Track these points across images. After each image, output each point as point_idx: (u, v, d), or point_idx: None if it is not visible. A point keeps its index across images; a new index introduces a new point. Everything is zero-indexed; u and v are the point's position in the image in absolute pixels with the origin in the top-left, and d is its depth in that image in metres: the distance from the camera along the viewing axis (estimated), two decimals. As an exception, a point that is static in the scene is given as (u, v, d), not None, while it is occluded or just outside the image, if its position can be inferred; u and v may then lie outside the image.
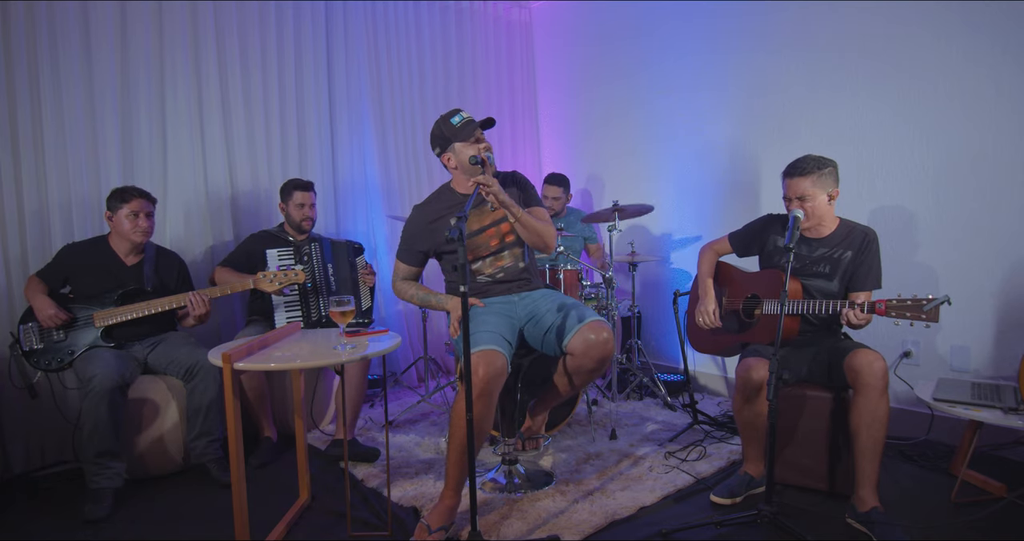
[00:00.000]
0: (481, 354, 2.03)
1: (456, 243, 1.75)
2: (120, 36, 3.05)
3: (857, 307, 2.07)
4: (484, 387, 2.00)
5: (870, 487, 2.06)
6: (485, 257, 2.39)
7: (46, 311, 2.52)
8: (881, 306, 2.03)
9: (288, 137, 3.56)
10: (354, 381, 2.82)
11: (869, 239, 2.29)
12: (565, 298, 2.36)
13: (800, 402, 2.33)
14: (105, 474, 2.36)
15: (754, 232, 2.53)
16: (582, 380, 2.31)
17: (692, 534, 2.05)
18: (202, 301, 2.65)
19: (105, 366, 2.40)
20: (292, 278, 2.69)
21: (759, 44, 3.34)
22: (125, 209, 2.64)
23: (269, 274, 2.68)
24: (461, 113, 2.28)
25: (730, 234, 2.62)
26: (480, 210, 2.37)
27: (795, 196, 2.26)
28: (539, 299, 2.37)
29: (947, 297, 1.93)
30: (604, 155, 4.26)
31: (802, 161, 2.26)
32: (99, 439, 2.35)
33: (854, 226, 2.33)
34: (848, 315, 2.09)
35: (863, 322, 2.10)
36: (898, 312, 2.00)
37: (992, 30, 2.57)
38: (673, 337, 3.89)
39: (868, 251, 2.28)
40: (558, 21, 4.51)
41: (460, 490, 2.11)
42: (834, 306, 2.13)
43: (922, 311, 1.94)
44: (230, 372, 1.74)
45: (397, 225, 4.01)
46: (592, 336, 2.14)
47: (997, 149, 2.61)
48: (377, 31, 3.89)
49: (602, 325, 2.18)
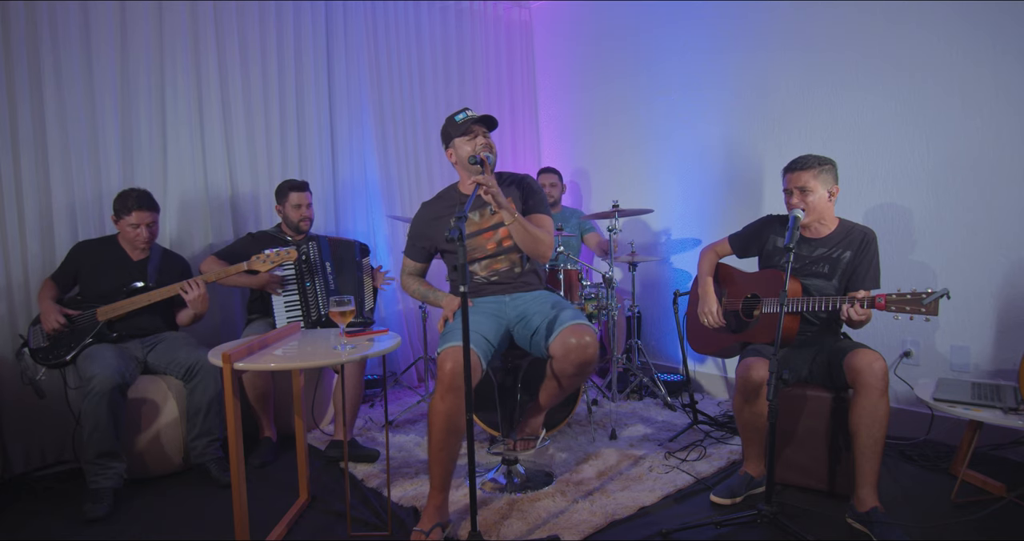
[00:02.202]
0: (449, 350, 2.05)
1: (455, 243, 1.75)
2: (120, 36, 3.05)
3: (857, 303, 2.07)
4: (450, 382, 2.01)
5: (870, 487, 2.06)
6: (480, 259, 2.39)
7: (48, 315, 2.56)
8: (881, 300, 2.03)
9: (288, 137, 3.56)
10: (351, 381, 2.81)
11: (868, 239, 2.29)
12: (559, 300, 2.35)
13: (800, 402, 2.33)
14: (105, 474, 2.37)
15: (753, 233, 2.55)
16: (568, 384, 2.28)
17: (692, 534, 2.05)
18: (196, 284, 2.66)
19: (105, 366, 2.40)
20: (284, 257, 2.68)
21: (759, 43, 3.34)
22: (127, 220, 2.67)
23: (262, 255, 2.68)
24: (467, 111, 2.31)
25: (730, 236, 2.63)
26: (481, 212, 2.38)
27: (796, 187, 2.28)
28: (531, 301, 2.36)
29: (946, 290, 1.94)
30: (604, 154, 4.26)
31: (803, 157, 2.31)
32: (99, 439, 2.35)
33: (853, 226, 2.34)
34: (848, 312, 2.10)
35: (863, 318, 2.10)
36: (898, 306, 2.00)
37: (993, 29, 2.57)
38: (673, 337, 3.89)
39: (867, 251, 2.29)
40: (558, 21, 4.52)
41: (445, 488, 2.09)
42: (834, 303, 2.14)
43: (922, 304, 1.95)
44: (230, 372, 1.74)
45: (397, 225, 4.01)
46: (573, 340, 2.12)
47: (997, 149, 2.60)
48: (377, 31, 3.89)
49: (583, 328, 2.15)
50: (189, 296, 2.64)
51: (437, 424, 2.04)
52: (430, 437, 2.07)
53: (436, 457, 2.06)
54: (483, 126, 2.31)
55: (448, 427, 2.04)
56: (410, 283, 2.52)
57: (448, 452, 2.06)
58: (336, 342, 2.00)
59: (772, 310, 2.34)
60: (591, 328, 2.18)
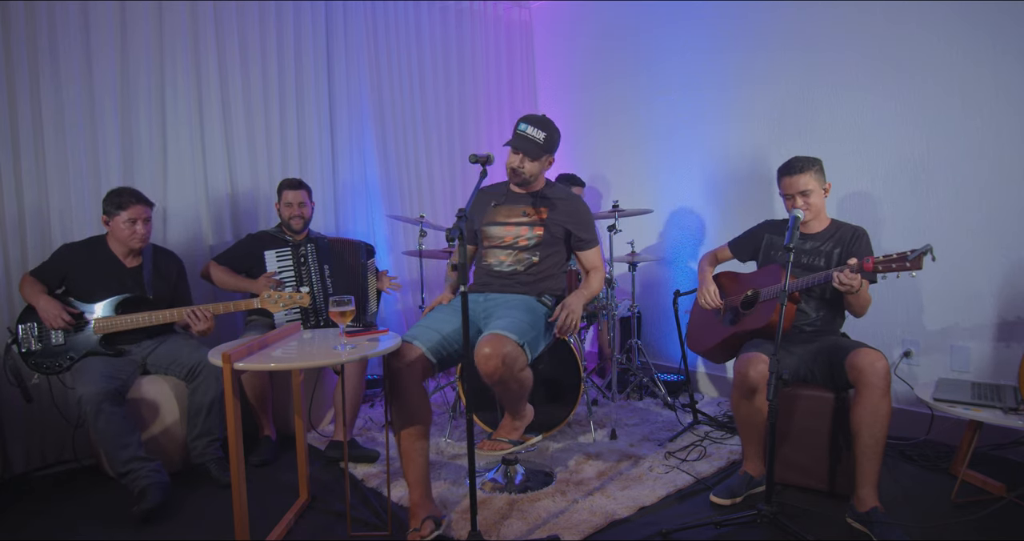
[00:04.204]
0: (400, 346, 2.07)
1: (456, 242, 1.76)
2: (120, 36, 3.04)
3: (847, 268, 2.09)
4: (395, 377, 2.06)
5: (870, 487, 2.06)
6: (497, 248, 2.43)
7: (51, 311, 2.49)
8: (868, 261, 2.06)
9: (288, 137, 3.56)
10: (352, 382, 2.81)
11: (858, 234, 2.36)
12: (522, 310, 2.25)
13: (800, 402, 2.33)
14: (140, 473, 2.32)
15: (751, 236, 2.63)
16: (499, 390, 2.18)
17: (692, 534, 2.05)
18: (204, 316, 2.61)
19: (89, 383, 2.35)
20: (296, 301, 2.65)
21: (759, 43, 3.34)
22: (123, 215, 2.59)
23: (274, 295, 2.63)
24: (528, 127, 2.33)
25: (730, 241, 2.72)
26: (510, 207, 2.44)
27: (798, 192, 2.33)
28: (503, 303, 2.32)
29: (929, 247, 1.96)
30: (604, 154, 4.26)
31: (796, 160, 2.36)
32: (115, 451, 2.32)
33: (843, 224, 2.41)
34: (838, 277, 2.11)
35: (854, 282, 2.09)
36: (885, 266, 2.04)
37: (993, 29, 2.57)
38: (673, 337, 3.88)
39: (858, 244, 2.33)
40: (558, 21, 4.51)
41: (421, 484, 2.09)
42: (827, 276, 2.15)
43: (907, 261, 1.99)
44: (230, 372, 1.74)
45: (397, 225, 4.01)
46: (486, 349, 2.01)
47: (997, 149, 2.60)
48: (377, 31, 3.89)
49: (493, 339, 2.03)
50: (196, 328, 2.61)
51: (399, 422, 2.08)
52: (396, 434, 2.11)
53: (407, 452, 2.09)
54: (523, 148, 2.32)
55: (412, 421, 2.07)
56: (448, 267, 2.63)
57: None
58: (336, 342, 2.00)
59: (771, 296, 2.36)
60: (504, 341, 2.03)
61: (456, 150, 4.26)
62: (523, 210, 2.41)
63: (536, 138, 2.30)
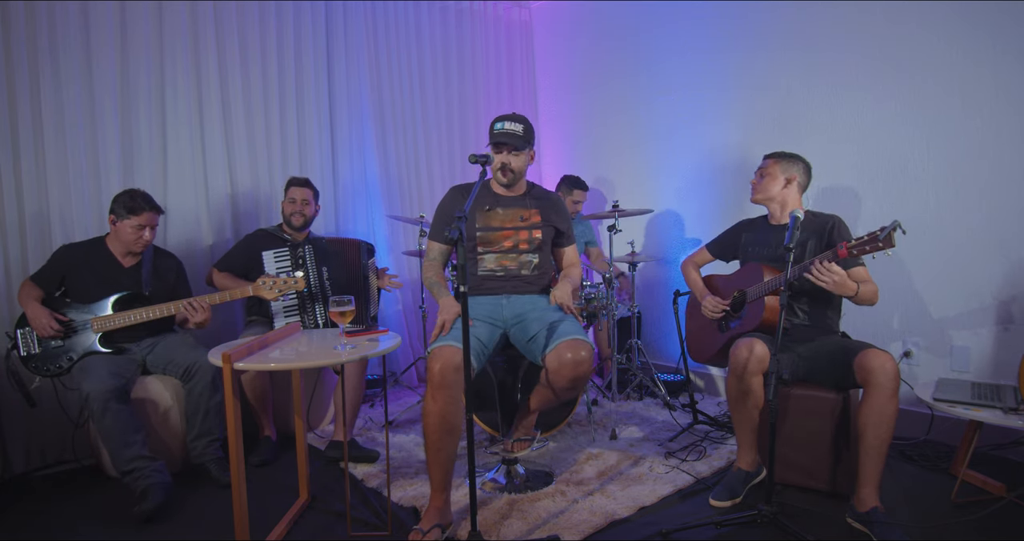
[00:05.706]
0: (437, 350, 2.07)
1: (456, 242, 1.76)
2: (120, 36, 3.04)
3: (820, 259, 2.10)
4: (439, 381, 2.03)
5: (872, 487, 2.06)
6: (494, 252, 2.43)
7: (40, 320, 2.49)
8: (842, 247, 2.07)
9: (288, 137, 3.56)
10: (352, 382, 2.81)
11: (833, 223, 2.36)
12: (558, 309, 2.33)
13: (801, 402, 2.33)
14: (143, 473, 2.32)
15: (729, 236, 2.69)
16: (562, 395, 2.30)
17: (692, 534, 2.05)
18: (201, 307, 2.63)
19: (96, 380, 2.35)
20: (291, 285, 2.63)
21: (759, 44, 3.34)
22: (133, 220, 2.58)
23: (268, 281, 2.62)
24: (504, 123, 2.36)
25: (707, 244, 2.78)
26: (506, 211, 2.44)
27: (757, 170, 2.50)
28: (528, 302, 2.39)
29: (897, 222, 1.96)
30: (604, 154, 4.26)
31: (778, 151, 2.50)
32: (120, 449, 2.33)
33: (818, 214, 2.43)
34: (813, 271, 2.11)
35: (833, 274, 2.10)
36: (859, 249, 2.04)
37: (993, 29, 2.57)
38: (673, 337, 3.88)
39: (834, 232, 2.34)
40: (558, 21, 4.51)
41: (445, 488, 2.09)
42: (803, 269, 2.15)
43: (879, 241, 1.99)
44: (230, 372, 1.74)
45: (397, 225, 4.01)
46: (568, 355, 2.12)
47: (997, 149, 2.60)
48: (377, 31, 3.89)
49: (579, 344, 2.15)
50: (194, 319, 2.62)
51: (431, 424, 2.05)
52: (426, 438, 2.08)
53: (434, 458, 2.07)
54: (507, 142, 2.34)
55: (443, 426, 2.04)
56: (427, 270, 2.50)
57: (445, 452, 2.07)
58: (336, 342, 2.00)
59: (757, 295, 2.37)
60: (588, 344, 2.18)
61: (456, 150, 4.26)
62: (520, 214, 2.43)
63: (516, 131, 2.34)
